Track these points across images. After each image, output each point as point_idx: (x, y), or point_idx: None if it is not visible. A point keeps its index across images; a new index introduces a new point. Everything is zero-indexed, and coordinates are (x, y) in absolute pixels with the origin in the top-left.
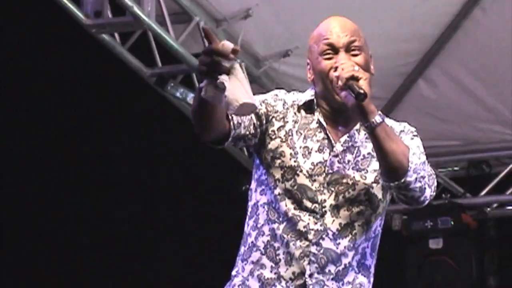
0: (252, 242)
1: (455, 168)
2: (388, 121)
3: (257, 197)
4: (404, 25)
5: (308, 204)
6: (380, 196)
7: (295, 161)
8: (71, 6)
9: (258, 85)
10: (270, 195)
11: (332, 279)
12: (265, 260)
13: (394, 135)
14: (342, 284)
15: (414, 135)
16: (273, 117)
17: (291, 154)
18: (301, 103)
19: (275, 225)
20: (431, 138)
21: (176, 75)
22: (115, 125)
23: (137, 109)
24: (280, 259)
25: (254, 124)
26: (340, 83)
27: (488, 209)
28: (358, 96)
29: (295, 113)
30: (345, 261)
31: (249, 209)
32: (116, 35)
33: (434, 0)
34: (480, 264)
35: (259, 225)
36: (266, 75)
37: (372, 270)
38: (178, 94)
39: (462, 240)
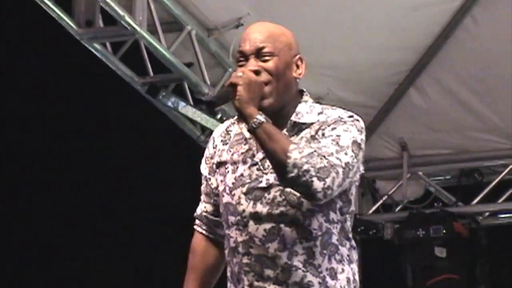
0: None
1: (447, 177)
2: (316, 108)
3: None
4: (395, 35)
5: (232, 219)
6: None
7: (220, 186)
8: (62, 15)
9: None
10: None
11: (273, 283)
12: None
13: (276, 135)
14: (287, 286)
15: (338, 124)
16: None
17: (217, 183)
18: (236, 118)
19: (226, 256)
20: (423, 147)
21: (167, 84)
22: (107, 134)
23: (128, 118)
24: (234, 281)
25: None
26: None
27: (480, 217)
28: (205, 104)
29: (224, 136)
30: (280, 263)
31: None
32: (108, 44)
33: (424, 10)
34: (472, 272)
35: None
36: None
37: (327, 269)
38: (169, 103)
39: (454, 248)
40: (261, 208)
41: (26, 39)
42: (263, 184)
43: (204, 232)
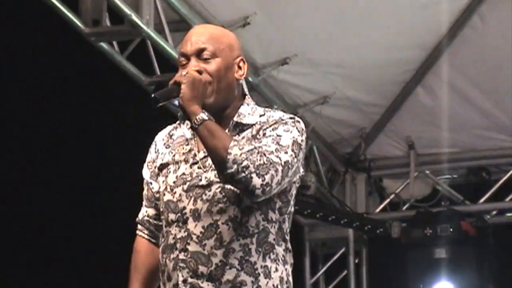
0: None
1: (454, 176)
2: (258, 110)
3: None
4: (402, 33)
5: (172, 216)
6: None
7: (162, 187)
8: (69, 14)
9: (257, 92)
10: None
11: (206, 280)
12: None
13: (217, 132)
14: (220, 284)
15: (278, 124)
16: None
17: (159, 184)
18: (181, 119)
19: (159, 254)
20: (430, 145)
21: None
22: (112, 133)
23: (134, 117)
24: (164, 280)
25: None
26: None
27: (488, 216)
28: (148, 100)
29: (167, 140)
30: (215, 260)
31: None
32: (115, 43)
33: (432, 8)
34: (480, 271)
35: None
36: (265, 83)
37: (261, 267)
38: (176, 102)
39: (462, 247)
40: (201, 205)
41: (32, 38)
42: (204, 182)
43: (146, 236)
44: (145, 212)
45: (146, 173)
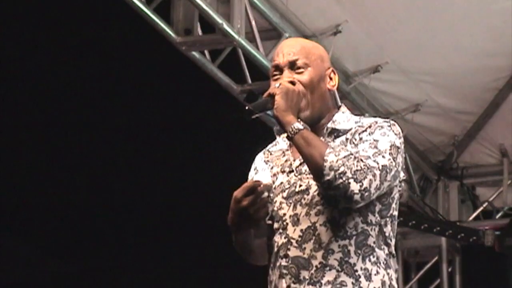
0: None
1: None
2: (354, 118)
3: None
4: (494, 41)
5: (275, 225)
6: None
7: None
8: (161, 24)
9: (348, 100)
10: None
11: (308, 283)
12: None
13: (313, 140)
14: (320, 285)
15: (374, 128)
16: None
17: None
18: (277, 133)
19: (269, 262)
20: None
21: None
22: (208, 141)
23: (227, 125)
24: None
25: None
26: None
27: None
28: (243, 112)
29: (267, 156)
30: (315, 262)
31: None
32: (206, 52)
33: None
34: None
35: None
36: (356, 91)
37: (361, 269)
38: (269, 112)
39: None
40: (300, 210)
41: (124, 48)
42: (302, 188)
43: None
44: None
45: None
